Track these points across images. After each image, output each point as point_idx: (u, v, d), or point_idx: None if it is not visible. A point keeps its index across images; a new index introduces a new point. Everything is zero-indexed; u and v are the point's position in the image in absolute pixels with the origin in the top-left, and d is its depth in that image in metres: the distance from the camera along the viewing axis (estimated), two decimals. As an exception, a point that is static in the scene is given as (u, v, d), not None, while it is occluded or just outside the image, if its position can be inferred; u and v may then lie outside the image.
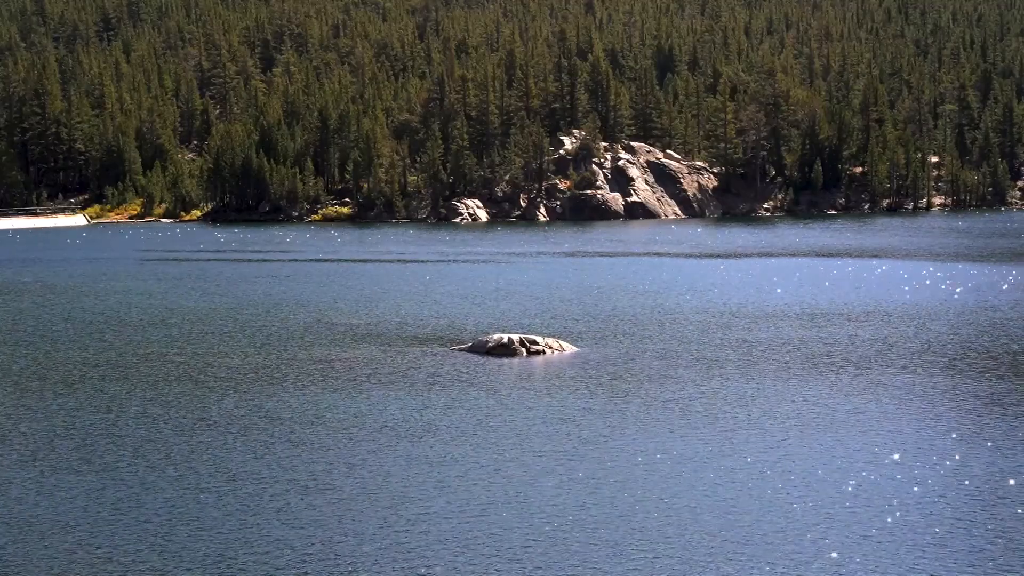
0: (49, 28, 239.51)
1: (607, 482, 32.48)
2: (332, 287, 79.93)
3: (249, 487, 32.45)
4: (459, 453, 35.65)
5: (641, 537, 28.15)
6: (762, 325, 59.99)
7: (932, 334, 56.65)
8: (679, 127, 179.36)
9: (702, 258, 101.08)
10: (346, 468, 34.25)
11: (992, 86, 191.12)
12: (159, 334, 59.28)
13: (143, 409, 42.06)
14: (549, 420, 39.78)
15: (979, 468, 33.41)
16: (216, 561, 26.98)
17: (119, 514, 30.32)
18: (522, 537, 28.23)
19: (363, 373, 48.27)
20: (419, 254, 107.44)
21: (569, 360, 51.09)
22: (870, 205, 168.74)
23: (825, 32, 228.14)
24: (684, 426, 38.69)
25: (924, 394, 43.26)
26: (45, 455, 36.15)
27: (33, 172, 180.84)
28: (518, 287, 78.40)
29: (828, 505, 30.31)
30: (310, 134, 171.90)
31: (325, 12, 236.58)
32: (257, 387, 45.71)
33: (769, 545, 27.55)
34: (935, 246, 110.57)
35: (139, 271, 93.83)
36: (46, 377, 48.65)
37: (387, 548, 27.65)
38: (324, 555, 27.27)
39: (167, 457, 35.63)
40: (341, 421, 39.96)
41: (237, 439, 37.65)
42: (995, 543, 27.59)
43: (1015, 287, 75.46)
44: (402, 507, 30.53)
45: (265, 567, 26.60)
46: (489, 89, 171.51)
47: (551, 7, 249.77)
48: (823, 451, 35.49)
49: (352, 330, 59.74)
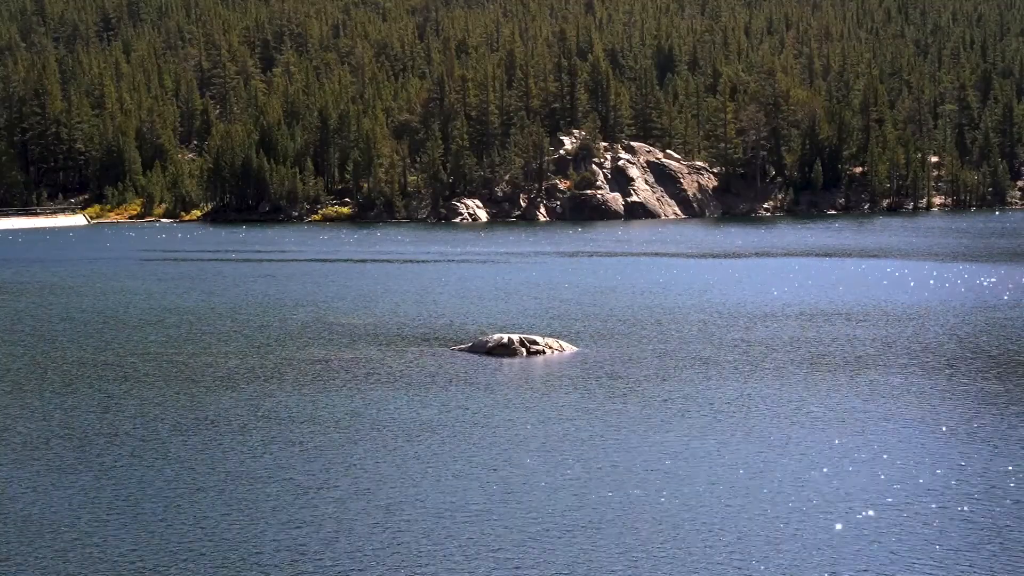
0: (49, 28, 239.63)
1: (607, 482, 32.44)
2: (332, 287, 79.90)
3: (248, 487, 32.41)
4: (458, 453, 35.61)
5: (641, 537, 28.11)
6: (761, 325, 59.96)
7: (932, 334, 56.60)
8: (679, 127, 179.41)
9: (702, 258, 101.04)
10: (345, 468, 34.21)
11: (992, 86, 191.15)
12: (158, 334, 59.24)
13: (141, 409, 42.00)
14: (549, 420, 39.74)
15: (978, 468, 33.37)
16: (214, 561, 26.93)
17: (116, 513, 30.28)
18: (522, 537, 28.19)
19: (362, 373, 48.23)
20: (419, 254, 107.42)
21: (569, 360, 51.05)
22: (870, 205, 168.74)
23: (825, 32, 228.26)
24: (684, 426, 38.66)
25: (923, 394, 43.21)
26: (43, 454, 36.10)
27: (33, 172, 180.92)
28: (518, 287, 78.36)
29: (827, 504, 30.26)
30: (310, 134, 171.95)
31: (325, 12, 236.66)
32: (256, 387, 45.67)
33: (768, 544, 27.51)
34: (935, 246, 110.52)
35: (139, 271, 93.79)
36: (45, 377, 48.60)
37: (386, 548, 27.60)
38: (324, 555, 27.23)
39: (165, 457, 35.58)
40: (340, 421, 39.91)
41: (236, 439, 37.61)
42: (994, 543, 27.56)
43: (1015, 287, 75.40)
44: (401, 507, 30.49)
45: (264, 567, 26.56)
46: (489, 89, 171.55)
47: (551, 7, 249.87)
48: (823, 451, 35.44)
49: (351, 330, 59.70)
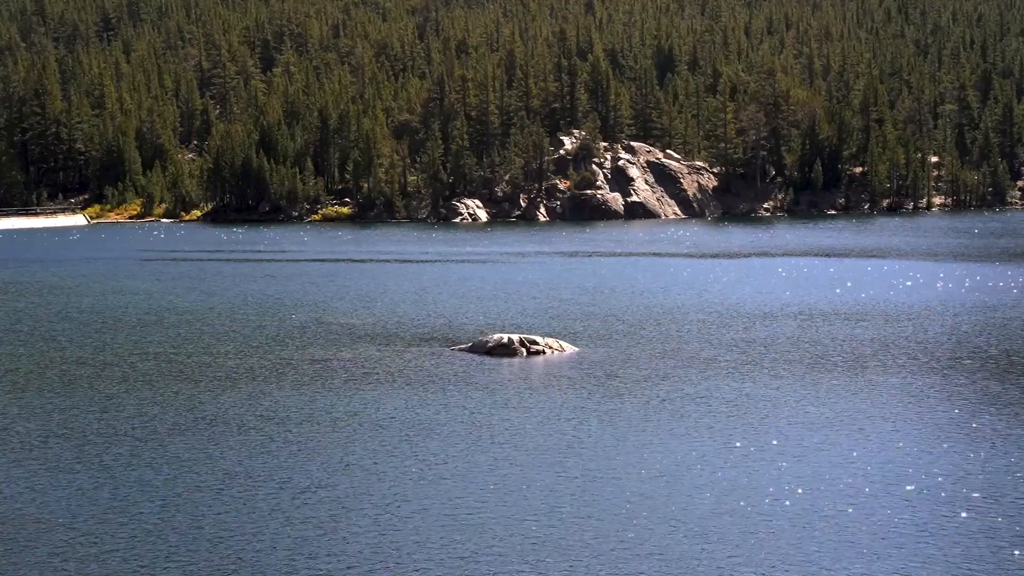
0: (49, 28, 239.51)
1: (606, 482, 32.42)
2: (332, 287, 79.86)
3: (247, 487, 32.38)
4: (458, 452, 35.58)
5: (640, 536, 28.09)
6: (761, 325, 59.93)
7: (931, 334, 56.56)
8: (679, 127, 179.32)
9: (702, 258, 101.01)
10: (343, 468, 34.18)
11: (992, 86, 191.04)
12: (157, 334, 59.20)
13: (140, 409, 41.97)
14: (549, 420, 39.72)
15: (977, 468, 33.35)
16: (213, 560, 26.91)
17: (114, 513, 30.25)
18: (522, 537, 28.17)
19: (362, 373, 48.20)
20: (419, 254, 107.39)
21: (569, 360, 51.03)
22: (870, 205, 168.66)
23: (825, 32, 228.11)
24: (683, 426, 38.63)
25: (922, 394, 43.19)
26: (41, 453, 36.08)
27: (33, 172, 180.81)
28: (518, 287, 78.33)
29: (827, 503, 30.24)
30: (310, 134, 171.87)
31: (325, 12, 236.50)
32: (255, 387, 45.64)
33: (766, 544, 27.48)
34: (935, 246, 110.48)
35: (138, 271, 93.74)
36: (43, 376, 48.57)
37: (386, 548, 27.58)
38: (324, 555, 27.21)
39: (163, 456, 35.56)
40: (339, 421, 39.89)
41: (235, 439, 37.58)
42: (993, 543, 27.54)
43: (1015, 287, 75.37)
44: (399, 506, 30.46)
45: (263, 566, 26.54)
46: (489, 89, 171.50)
47: (551, 7, 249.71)
48: (823, 450, 35.42)
49: (351, 330, 59.67)
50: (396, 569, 26.35)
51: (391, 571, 26.27)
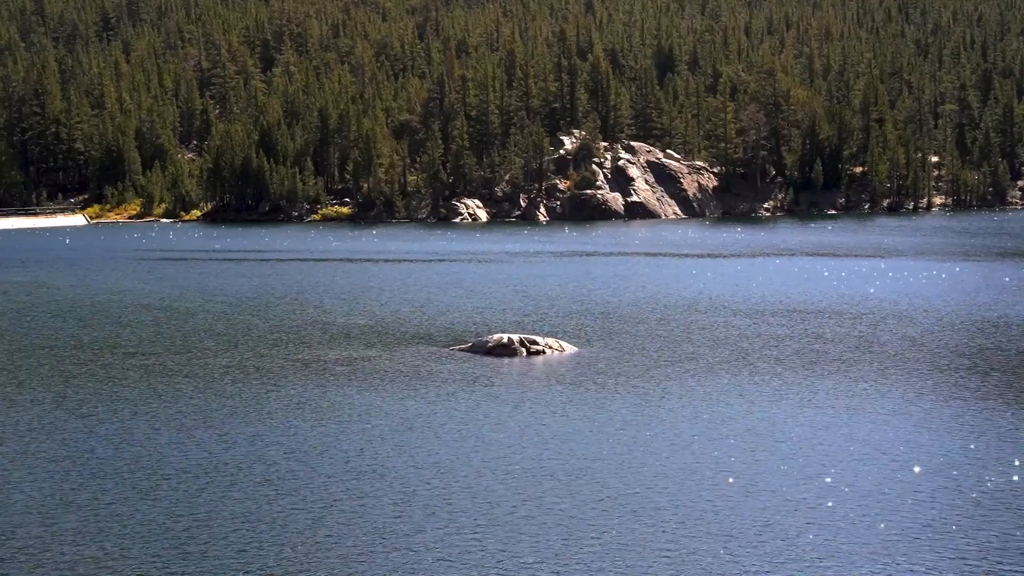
0: (49, 28, 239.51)
1: (607, 481, 32.37)
2: (331, 287, 79.81)
3: (246, 486, 32.33)
4: (458, 453, 35.53)
5: (640, 536, 28.04)
6: (761, 324, 59.89)
7: (930, 334, 56.54)
8: (679, 127, 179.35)
9: (702, 258, 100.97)
10: (343, 467, 34.13)
11: (992, 86, 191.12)
12: (156, 334, 59.14)
13: (139, 408, 41.91)
14: (549, 420, 39.66)
15: (977, 467, 33.31)
16: (211, 561, 26.86)
17: (112, 512, 30.20)
18: (521, 536, 28.12)
19: (362, 372, 48.14)
20: (419, 254, 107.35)
21: (569, 360, 50.98)
22: (870, 205, 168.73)
23: (825, 32, 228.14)
24: (684, 425, 38.58)
25: (922, 394, 43.16)
26: (36, 453, 36.00)
27: (33, 172, 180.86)
28: (518, 287, 78.28)
29: (826, 503, 30.20)
30: (310, 134, 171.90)
31: (325, 12, 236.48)
32: (254, 386, 45.58)
33: (766, 543, 27.44)
34: (935, 246, 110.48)
35: (138, 271, 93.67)
36: (42, 375, 48.49)
37: (385, 547, 27.53)
38: (323, 554, 27.16)
39: (162, 455, 35.50)
40: (339, 420, 39.83)
41: (235, 438, 37.53)
42: (991, 542, 27.49)
43: (1015, 287, 75.36)
44: (400, 506, 30.42)
45: (262, 566, 26.49)
46: (489, 89, 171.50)
47: (551, 7, 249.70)
48: (822, 450, 35.37)
49: (351, 330, 59.62)
50: (397, 568, 26.30)
51: (392, 570, 26.21)
